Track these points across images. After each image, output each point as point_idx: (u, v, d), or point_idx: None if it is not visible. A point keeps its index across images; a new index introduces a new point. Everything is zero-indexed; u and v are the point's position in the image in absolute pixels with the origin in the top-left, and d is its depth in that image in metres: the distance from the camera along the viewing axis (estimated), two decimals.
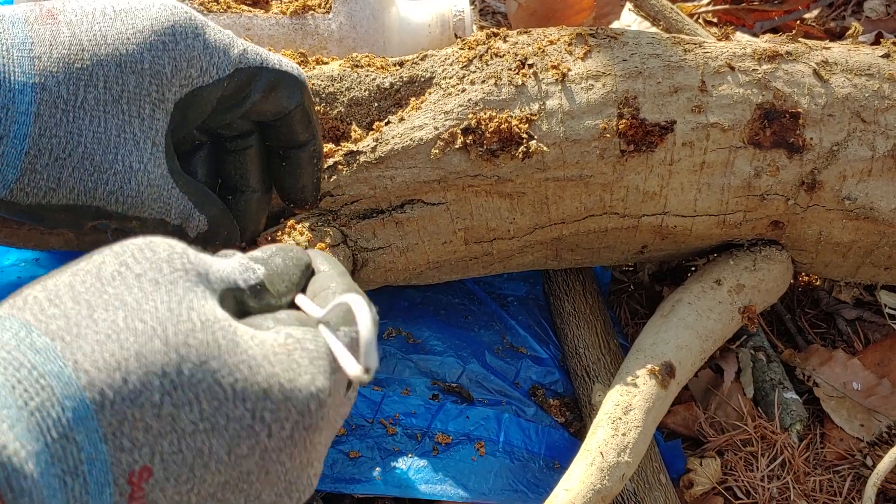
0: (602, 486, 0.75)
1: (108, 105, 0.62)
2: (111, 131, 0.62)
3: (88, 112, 0.61)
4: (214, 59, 0.65)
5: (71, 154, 0.60)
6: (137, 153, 0.63)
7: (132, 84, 0.62)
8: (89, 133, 0.61)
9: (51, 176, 0.60)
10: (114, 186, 0.62)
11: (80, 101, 0.60)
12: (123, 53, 0.62)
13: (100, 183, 0.62)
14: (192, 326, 0.41)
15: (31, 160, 0.59)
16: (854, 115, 0.87)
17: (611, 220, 0.89)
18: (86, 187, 0.61)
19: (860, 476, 0.96)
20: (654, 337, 0.88)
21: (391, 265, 0.89)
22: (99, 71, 0.61)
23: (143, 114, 0.63)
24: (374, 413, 0.93)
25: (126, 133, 0.62)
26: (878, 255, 0.93)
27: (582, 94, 0.85)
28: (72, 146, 0.60)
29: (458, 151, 0.84)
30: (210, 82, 0.65)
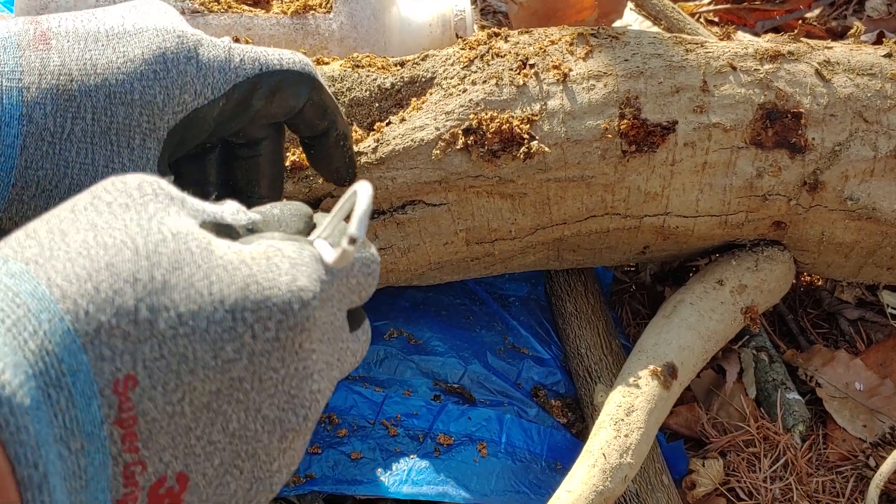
0: (604, 488, 0.75)
1: (96, 136, 0.61)
2: (98, 163, 0.61)
3: (75, 144, 0.60)
4: (209, 80, 0.64)
5: (57, 186, 0.59)
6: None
7: (121, 115, 0.61)
8: (76, 165, 0.60)
9: (38, 207, 0.59)
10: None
11: (67, 134, 0.60)
12: (113, 84, 0.61)
13: None
14: (162, 237, 0.41)
15: (17, 192, 0.58)
16: (856, 115, 0.87)
17: (612, 221, 0.89)
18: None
19: (863, 477, 0.96)
20: (655, 338, 0.88)
21: (392, 266, 0.89)
22: (87, 102, 0.60)
23: (133, 144, 0.62)
24: (376, 414, 0.93)
25: (114, 164, 0.61)
26: (880, 255, 0.93)
27: (583, 94, 0.85)
28: (58, 178, 0.59)
29: (459, 152, 0.84)
30: (206, 103, 0.64)
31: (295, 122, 0.71)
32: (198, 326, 0.40)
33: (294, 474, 0.87)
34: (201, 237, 0.42)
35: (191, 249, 0.41)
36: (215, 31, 1.02)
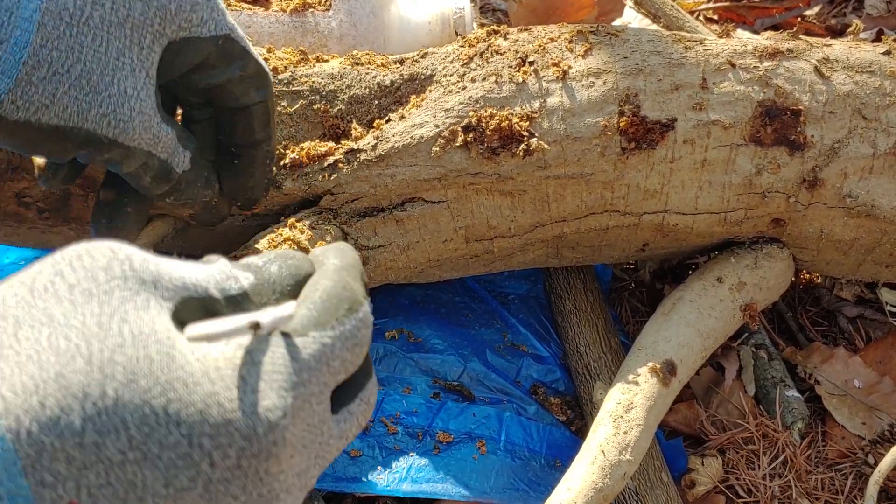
0: (603, 485, 0.75)
1: (112, 27, 0.61)
2: (111, 53, 0.61)
3: (92, 30, 0.59)
4: (215, 15, 0.65)
5: (69, 70, 0.59)
6: (133, 79, 0.62)
7: (138, 10, 0.61)
8: (90, 52, 0.60)
9: (46, 90, 0.58)
10: (107, 109, 0.61)
11: (86, 18, 0.59)
12: None
13: (94, 104, 0.60)
14: (121, 341, 0.36)
15: (28, 71, 0.57)
16: (855, 112, 0.87)
17: (612, 218, 0.89)
18: (79, 107, 0.60)
19: (862, 474, 0.96)
20: (655, 335, 0.88)
21: (392, 263, 0.89)
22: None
23: (144, 42, 0.62)
24: (375, 412, 0.93)
25: (125, 58, 0.61)
26: (879, 252, 0.93)
27: (583, 91, 0.85)
28: (71, 62, 0.59)
29: (458, 149, 0.83)
30: (206, 35, 0.65)
31: (240, 120, 0.72)
32: (149, 451, 0.36)
33: None
34: (164, 338, 0.37)
35: (150, 356, 0.36)
36: None
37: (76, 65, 0.59)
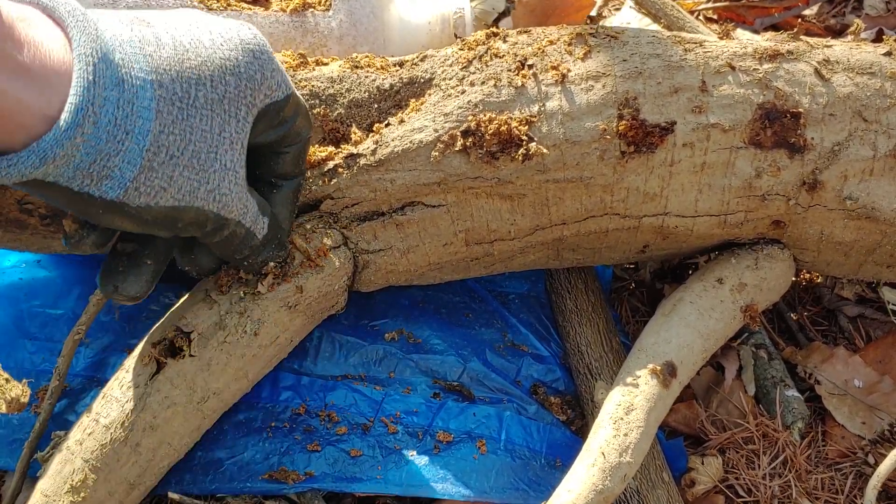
0: (604, 487, 0.75)
1: (214, 104, 0.63)
2: (214, 130, 0.64)
3: (199, 110, 0.62)
4: (284, 78, 0.69)
5: (183, 152, 0.61)
6: (231, 153, 0.65)
7: (232, 86, 0.65)
8: (198, 132, 0.62)
9: (164, 174, 0.60)
10: (213, 185, 0.64)
11: (193, 100, 0.62)
12: (223, 57, 0.64)
13: (202, 182, 0.63)
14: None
15: (150, 157, 0.59)
16: (856, 114, 0.87)
17: (612, 221, 0.89)
18: (191, 186, 0.62)
19: (862, 474, 0.96)
20: (655, 336, 0.88)
21: (392, 267, 0.89)
22: (206, 70, 0.63)
23: (240, 115, 0.65)
24: (376, 412, 0.93)
25: (225, 133, 0.64)
26: (880, 253, 0.93)
27: (582, 95, 0.85)
28: (184, 144, 0.61)
29: (457, 154, 0.83)
30: (281, 98, 0.69)
31: (286, 154, 0.76)
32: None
33: (294, 471, 0.88)
34: None
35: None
36: None
37: (188, 146, 0.62)
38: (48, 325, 0.99)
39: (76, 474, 0.75)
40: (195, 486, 0.88)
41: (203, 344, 0.78)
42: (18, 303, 1.00)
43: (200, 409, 0.80)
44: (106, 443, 0.76)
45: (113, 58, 0.57)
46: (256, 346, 0.81)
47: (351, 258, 0.87)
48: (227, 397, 0.83)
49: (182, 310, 0.81)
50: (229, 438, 0.90)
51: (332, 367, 0.96)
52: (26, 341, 0.97)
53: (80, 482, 0.75)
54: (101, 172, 0.57)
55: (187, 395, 0.78)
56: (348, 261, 0.86)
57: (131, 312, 1.00)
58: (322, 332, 0.98)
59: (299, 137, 0.75)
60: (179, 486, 0.87)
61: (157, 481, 0.82)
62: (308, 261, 0.82)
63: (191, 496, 0.87)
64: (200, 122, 0.62)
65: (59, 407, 0.93)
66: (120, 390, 0.78)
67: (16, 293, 1.01)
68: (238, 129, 0.66)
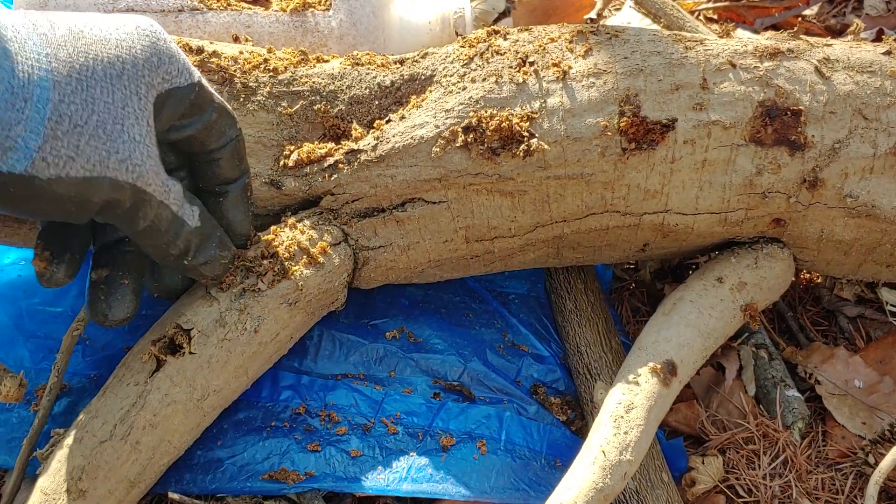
0: (604, 485, 0.75)
1: (114, 79, 0.65)
2: (118, 103, 0.65)
3: (98, 82, 0.64)
4: (186, 66, 0.71)
5: (87, 122, 0.62)
6: (138, 127, 0.66)
7: (129, 64, 0.67)
8: (100, 102, 0.64)
9: (70, 143, 0.61)
10: (124, 154, 0.65)
11: (91, 72, 0.64)
12: (118, 38, 0.67)
13: (112, 151, 0.64)
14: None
15: (52, 126, 0.60)
16: (856, 112, 0.87)
17: (612, 219, 0.89)
18: (100, 156, 0.63)
19: (862, 474, 0.96)
20: (655, 335, 0.88)
21: (392, 263, 0.89)
22: (101, 49, 0.65)
23: (140, 93, 0.67)
24: (376, 412, 0.93)
25: (128, 107, 0.66)
26: (880, 252, 0.93)
27: (583, 91, 0.85)
28: (87, 114, 0.62)
29: (458, 150, 0.83)
30: (184, 84, 0.71)
31: (217, 160, 0.77)
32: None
33: (294, 471, 0.88)
34: None
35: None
36: (214, 28, 1.01)
37: (92, 116, 0.63)
38: (47, 323, 0.98)
39: (76, 472, 0.75)
40: (195, 486, 0.87)
41: (203, 341, 0.78)
42: (17, 300, 1.00)
43: (200, 407, 0.80)
44: (105, 440, 0.75)
45: (5, 34, 0.59)
46: (256, 343, 0.81)
47: (351, 255, 0.87)
48: (227, 395, 0.83)
49: (182, 307, 0.81)
50: (229, 438, 0.90)
51: (332, 365, 0.96)
52: (25, 339, 0.97)
53: (80, 480, 0.75)
54: (5, 144, 0.58)
55: (187, 392, 0.78)
56: (348, 257, 0.86)
57: None
58: (322, 330, 0.97)
59: (225, 137, 0.76)
60: (179, 486, 0.87)
61: (156, 479, 0.81)
62: (308, 257, 0.82)
63: (191, 496, 0.87)
64: (102, 94, 0.64)
65: (58, 405, 0.92)
66: (119, 388, 0.78)
67: (15, 291, 1.00)
68: (141, 106, 0.67)
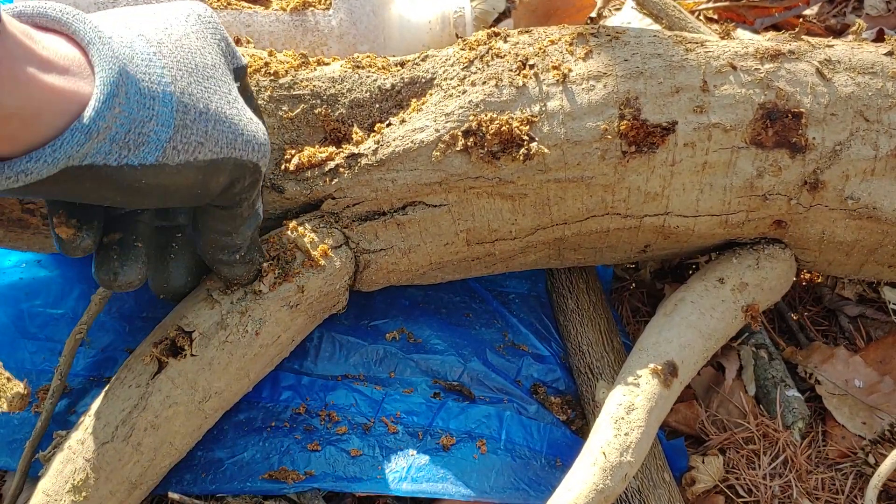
0: (604, 486, 0.75)
1: (214, 70, 0.68)
2: (225, 90, 0.68)
3: (204, 74, 0.66)
4: (234, 47, 0.73)
5: (208, 108, 0.65)
6: (245, 110, 0.70)
7: (214, 54, 0.69)
8: (214, 92, 0.66)
9: (199, 129, 0.64)
10: (249, 135, 0.68)
11: (195, 65, 0.66)
12: (194, 31, 0.69)
13: (237, 133, 0.67)
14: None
15: (180, 117, 0.62)
16: (857, 114, 0.87)
17: (613, 221, 0.89)
18: (227, 139, 0.66)
19: (862, 474, 0.96)
20: (656, 336, 0.88)
21: (393, 266, 0.89)
22: (190, 43, 0.67)
23: (228, 78, 0.70)
24: (376, 412, 0.93)
25: (232, 93, 0.69)
26: (881, 253, 0.93)
27: (583, 94, 0.84)
28: (206, 101, 0.65)
29: (459, 153, 0.83)
30: (243, 63, 0.73)
31: None
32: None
33: (294, 471, 0.88)
34: None
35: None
36: None
37: (210, 104, 0.65)
38: (48, 325, 0.99)
39: (78, 474, 0.75)
40: (195, 486, 0.88)
41: (204, 343, 0.78)
42: (19, 302, 1.00)
43: (202, 409, 0.80)
44: (107, 442, 0.76)
45: (118, 39, 0.60)
46: (258, 345, 0.81)
47: (352, 258, 0.87)
48: (229, 397, 0.83)
49: (183, 309, 0.81)
50: (230, 438, 0.90)
51: (332, 366, 0.96)
52: (27, 341, 0.97)
53: (82, 482, 0.75)
54: (138, 140, 0.59)
55: (189, 394, 0.78)
56: (349, 260, 0.86)
57: (132, 312, 1.00)
58: (322, 331, 0.97)
59: None
60: (180, 486, 0.87)
61: (158, 481, 0.82)
62: (309, 260, 0.82)
63: (191, 496, 0.87)
64: (212, 84, 0.67)
65: (60, 406, 0.93)
66: (121, 389, 0.78)
67: (16, 293, 1.01)
68: (233, 87, 0.70)
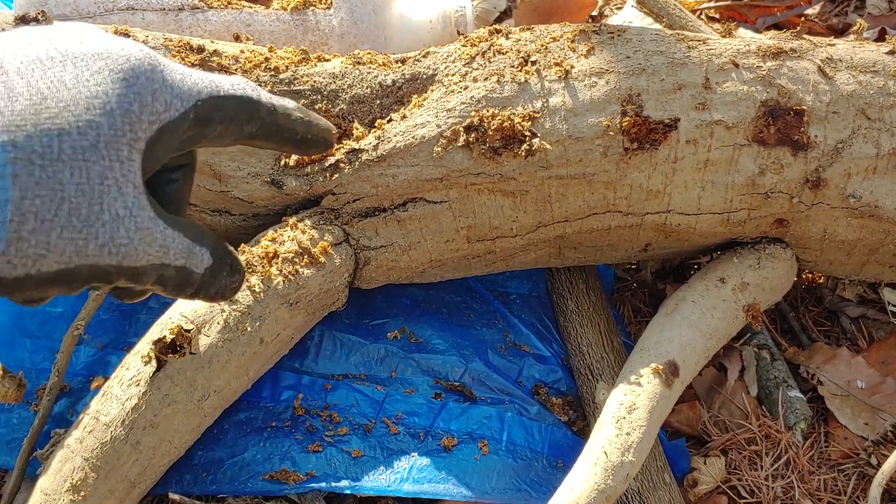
0: (606, 486, 0.75)
1: (87, 152, 0.57)
2: (94, 180, 0.57)
3: (67, 163, 0.56)
4: (176, 91, 0.61)
5: (57, 213, 0.55)
6: (122, 199, 0.58)
7: (105, 126, 0.58)
8: (71, 187, 0.56)
9: (39, 241, 0.54)
10: (104, 239, 0.57)
11: (58, 154, 0.56)
12: (89, 95, 0.58)
13: (90, 238, 0.57)
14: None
15: (16, 227, 0.53)
16: (859, 112, 0.86)
17: (614, 219, 0.89)
18: (76, 246, 0.56)
19: (865, 475, 0.96)
20: (657, 335, 0.88)
21: (393, 263, 0.89)
22: (69, 117, 0.57)
23: (122, 156, 0.58)
24: (377, 412, 0.93)
25: (108, 180, 0.58)
26: (882, 252, 0.92)
27: (585, 91, 0.84)
28: (56, 204, 0.55)
29: (460, 149, 0.83)
30: (176, 116, 0.61)
31: (254, 143, 0.66)
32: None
33: (295, 472, 0.87)
34: None
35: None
36: (215, 26, 1.01)
37: (62, 205, 0.56)
38: (47, 324, 0.98)
39: (76, 472, 0.75)
40: (196, 487, 0.87)
41: (204, 341, 0.78)
42: None
43: (201, 407, 0.80)
44: (106, 441, 0.75)
45: None
46: (257, 343, 0.81)
47: (352, 255, 0.86)
48: (228, 395, 0.83)
49: (182, 307, 0.80)
50: (230, 438, 0.90)
51: (333, 365, 0.96)
52: (26, 339, 0.97)
53: (81, 480, 0.74)
54: None
55: (188, 392, 0.78)
56: (349, 257, 0.86)
57: (131, 310, 1.00)
58: (323, 330, 0.97)
59: (241, 134, 0.66)
60: (180, 486, 0.87)
61: (157, 479, 0.81)
62: (309, 257, 0.82)
63: (191, 496, 0.86)
64: (72, 177, 0.56)
65: (58, 405, 0.92)
66: (120, 388, 0.77)
67: None
68: (124, 171, 0.59)
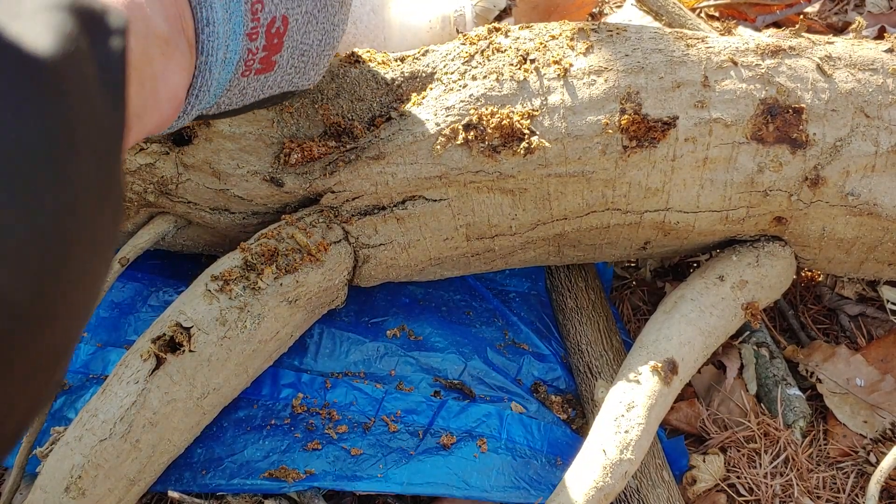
0: (605, 484, 0.75)
1: None
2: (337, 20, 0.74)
3: None
4: None
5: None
6: None
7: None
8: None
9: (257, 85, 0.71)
10: None
11: None
12: None
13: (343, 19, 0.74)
14: None
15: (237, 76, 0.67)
16: (858, 110, 0.86)
17: (613, 217, 0.89)
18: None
19: (863, 473, 0.96)
20: (656, 333, 0.88)
21: (392, 261, 0.89)
22: None
23: None
24: (376, 410, 0.93)
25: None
26: (881, 250, 0.92)
27: (584, 89, 0.84)
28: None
29: (459, 147, 0.83)
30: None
31: None
32: None
33: (294, 470, 0.87)
34: None
35: None
36: None
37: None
38: None
39: (75, 471, 0.75)
40: (195, 485, 0.87)
41: (203, 339, 0.78)
42: None
43: (200, 405, 0.80)
44: (105, 439, 0.75)
45: None
46: (257, 341, 0.81)
47: (351, 253, 0.86)
48: (227, 392, 0.83)
49: (182, 305, 0.80)
50: (229, 436, 0.90)
51: (332, 363, 0.96)
52: None
53: (80, 479, 0.75)
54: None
55: (187, 390, 0.78)
56: (349, 255, 0.86)
57: (130, 308, 1.00)
58: (323, 328, 0.97)
59: None
60: (179, 484, 0.87)
61: (156, 478, 0.81)
62: (308, 255, 0.82)
63: (191, 495, 0.86)
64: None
65: (57, 403, 0.92)
66: (119, 386, 0.77)
67: None
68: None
